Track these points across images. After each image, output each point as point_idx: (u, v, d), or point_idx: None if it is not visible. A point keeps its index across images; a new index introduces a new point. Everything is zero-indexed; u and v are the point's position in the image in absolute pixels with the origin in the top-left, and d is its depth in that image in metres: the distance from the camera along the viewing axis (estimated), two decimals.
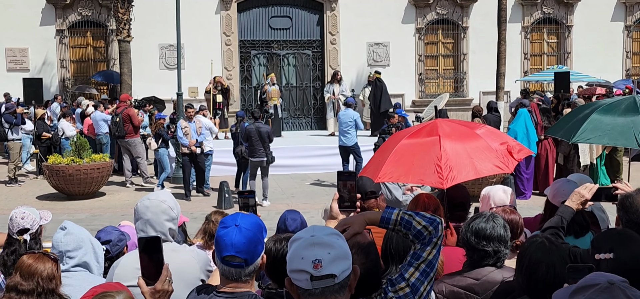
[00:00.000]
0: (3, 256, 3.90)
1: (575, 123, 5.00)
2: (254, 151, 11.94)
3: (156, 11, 20.22)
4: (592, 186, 3.65)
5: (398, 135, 5.19)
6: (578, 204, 3.62)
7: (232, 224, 2.42)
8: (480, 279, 3.18)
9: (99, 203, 12.62)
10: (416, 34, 22.51)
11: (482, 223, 3.20)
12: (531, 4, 23.19)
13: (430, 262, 2.41)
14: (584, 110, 5.20)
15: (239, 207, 2.97)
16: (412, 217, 2.46)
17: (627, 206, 3.32)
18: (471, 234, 3.21)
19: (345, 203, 2.89)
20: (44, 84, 19.47)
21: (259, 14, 21.94)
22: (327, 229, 2.21)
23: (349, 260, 2.14)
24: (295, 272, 2.09)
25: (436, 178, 4.38)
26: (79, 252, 3.41)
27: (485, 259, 3.20)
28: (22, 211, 3.93)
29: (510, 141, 4.84)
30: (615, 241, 2.66)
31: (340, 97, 18.94)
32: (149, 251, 2.46)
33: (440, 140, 4.52)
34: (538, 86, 23.26)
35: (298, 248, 2.10)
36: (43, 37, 20.73)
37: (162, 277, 2.44)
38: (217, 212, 4.53)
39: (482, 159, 4.52)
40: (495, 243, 3.18)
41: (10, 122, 14.82)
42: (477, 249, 3.19)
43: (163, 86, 19.75)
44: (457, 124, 5.05)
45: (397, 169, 4.61)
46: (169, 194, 3.37)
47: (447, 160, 4.41)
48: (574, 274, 2.31)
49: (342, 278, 2.09)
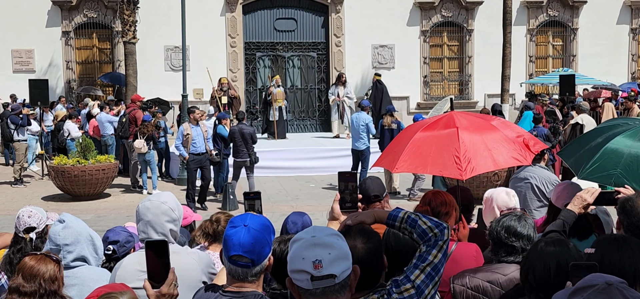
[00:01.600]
0: (9, 254, 3.92)
1: (587, 152, 4.54)
2: (237, 151, 12.09)
3: (161, 13, 20.27)
4: (594, 190, 3.64)
5: (413, 127, 5.19)
6: (580, 208, 3.62)
7: (240, 224, 2.44)
8: (508, 275, 3.23)
9: (104, 204, 12.65)
10: (421, 37, 22.49)
11: (513, 221, 3.30)
12: (536, 6, 23.14)
13: (435, 266, 2.42)
14: (598, 135, 4.62)
15: (244, 209, 2.98)
16: (419, 217, 2.49)
17: (627, 209, 3.32)
18: (501, 228, 3.30)
19: (347, 204, 2.89)
20: (50, 85, 19.49)
21: (264, 16, 21.97)
22: (328, 229, 2.22)
23: (349, 260, 2.15)
24: (296, 272, 2.11)
25: (455, 169, 4.38)
26: (77, 246, 3.41)
27: (512, 254, 3.28)
28: (29, 209, 3.94)
29: (525, 134, 4.83)
30: (608, 242, 2.65)
31: (345, 99, 18.94)
32: (155, 253, 2.47)
33: (458, 132, 4.52)
34: (543, 88, 23.21)
35: (299, 249, 2.12)
36: (49, 39, 20.81)
37: (168, 280, 2.46)
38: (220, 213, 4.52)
39: (500, 150, 4.52)
40: (524, 241, 3.27)
41: (16, 123, 14.89)
42: (505, 244, 3.28)
43: (168, 87, 19.80)
44: (473, 116, 5.02)
45: (414, 160, 4.62)
46: (171, 195, 3.36)
47: (465, 152, 4.41)
48: (577, 272, 2.31)
49: (343, 278, 2.11)
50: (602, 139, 4.46)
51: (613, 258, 2.50)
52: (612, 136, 4.42)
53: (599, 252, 2.55)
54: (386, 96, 18.66)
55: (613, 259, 2.50)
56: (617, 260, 2.49)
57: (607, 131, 4.58)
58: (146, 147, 13.35)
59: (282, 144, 17.37)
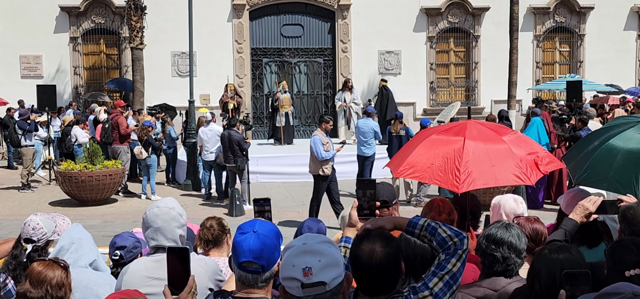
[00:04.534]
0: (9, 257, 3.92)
1: (585, 156, 4.45)
2: (226, 157, 12.31)
3: (169, 19, 20.34)
4: (596, 199, 3.62)
5: (427, 132, 5.17)
6: (582, 217, 3.59)
7: (250, 231, 2.43)
8: (498, 290, 3.15)
9: (110, 209, 12.67)
10: (428, 43, 22.48)
11: (494, 229, 3.21)
12: (543, 12, 23.10)
13: (454, 274, 2.42)
14: (596, 139, 4.48)
15: (254, 215, 2.97)
16: (439, 225, 2.49)
17: (629, 218, 3.31)
18: (483, 238, 3.23)
19: (365, 211, 2.87)
20: (58, 91, 19.59)
21: (270, 22, 22.01)
22: (320, 236, 2.24)
23: (341, 268, 2.16)
24: (287, 279, 2.12)
25: (452, 181, 4.35)
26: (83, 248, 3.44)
27: (494, 264, 3.16)
28: (36, 221, 3.90)
29: (540, 152, 4.74)
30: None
31: (351, 105, 18.93)
32: (178, 260, 2.47)
33: (465, 142, 4.48)
34: (550, 94, 23.15)
35: (290, 256, 2.14)
36: (57, 45, 20.92)
37: (187, 287, 2.46)
38: (211, 218, 4.51)
39: (503, 168, 4.45)
40: (505, 249, 3.14)
41: (24, 129, 14.97)
42: (486, 253, 3.19)
43: (175, 93, 19.85)
44: (487, 128, 4.95)
45: (417, 165, 4.60)
46: (175, 201, 3.36)
47: (467, 163, 4.36)
48: (570, 281, 2.30)
49: (333, 285, 2.11)
50: (598, 142, 4.39)
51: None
52: (607, 138, 4.34)
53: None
54: (392, 102, 18.65)
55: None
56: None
57: (603, 134, 4.50)
58: (145, 153, 13.41)
59: (289, 149, 17.37)
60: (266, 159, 15.63)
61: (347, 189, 13.28)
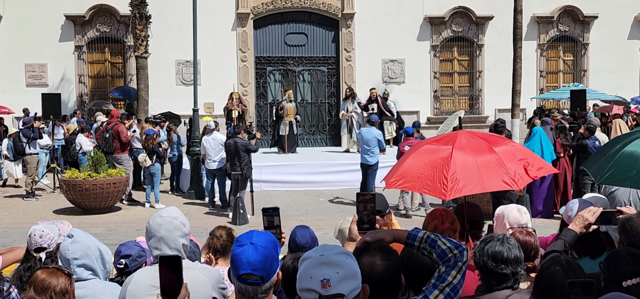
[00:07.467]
0: (20, 270, 3.94)
1: (607, 159, 4.58)
2: (232, 164, 12.35)
3: (173, 27, 20.42)
4: (595, 210, 3.61)
5: (420, 144, 5.24)
6: (581, 228, 3.57)
7: (247, 243, 2.43)
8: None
9: (114, 218, 12.69)
10: (431, 51, 22.51)
11: (498, 246, 3.11)
12: (547, 21, 23.12)
13: (454, 287, 2.42)
14: (618, 143, 4.71)
15: (263, 225, 2.97)
16: (438, 237, 2.48)
17: (628, 229, 3.31)
18: (487, 258, 3.10)
19: (365, 225, 2.86)
20: (62, 99, 19.69)
21: (274, 31, 22.08)
22: (337, 248, 2.22)
23: (358, 279, 2.15)
24: (304, 291, 2.11)
25: (440, 189, 4.40)
26: (86, 260, 3.44)
27: (504, 282, 3.10)
28: (41, 229, 3.92)
29: (529, 158, 4.77)
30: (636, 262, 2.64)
31: (353, 114, 18.95)
32: (169, 269, 2.48)
33: (453, 151, 4.53)
34: (554, 103, 23.13)
35: (307, 267, 2.12)
36: (62, 53, 21.01)
37: (180, 295, 2.46)
38: (221, 227, 4.52)
39: (491, 174, 4.51)
40: (513, 264, 3.09)
41: (28, 137, 15.01)
42: (495, 273, 3.08)
43: (179, 101, 19.92)
44: (478, 137, 4.99)
45: (407, 176, 4.66)
46: (178, 210, 3.38)
47: (454, 172, 4.41)
48: (575, 290, 2.30)
49: (351, 297, 2.10)
50: (620, 145, 4.57)
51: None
52: (629, 141, 4.51)
53: None
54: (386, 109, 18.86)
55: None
56: None
57: (626, 138, 4.69)
58: (149, 161, 13.45)
59: (292, 158, 17.39)
60: (270, 168, 15.65)
61: (350, 197, 13.28)
